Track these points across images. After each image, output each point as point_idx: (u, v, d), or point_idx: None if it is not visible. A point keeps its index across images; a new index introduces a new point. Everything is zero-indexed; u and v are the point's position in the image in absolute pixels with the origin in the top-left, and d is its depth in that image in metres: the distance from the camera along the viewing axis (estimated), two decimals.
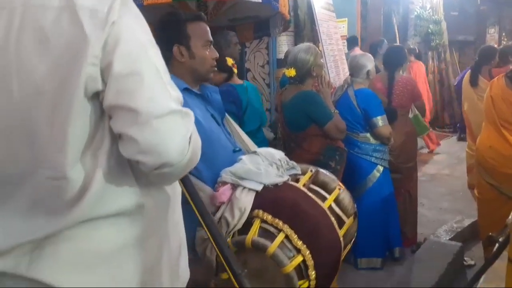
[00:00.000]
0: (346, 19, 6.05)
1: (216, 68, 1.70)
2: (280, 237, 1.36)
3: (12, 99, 0.83)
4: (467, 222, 3.73)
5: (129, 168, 0.92)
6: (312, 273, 1.38)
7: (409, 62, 4.99)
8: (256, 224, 1.40)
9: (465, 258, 3.21)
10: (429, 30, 8.73)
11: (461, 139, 7.27)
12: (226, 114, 1.80)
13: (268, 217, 1.41)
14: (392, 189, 3.20)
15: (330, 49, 4.85)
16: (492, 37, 9.22)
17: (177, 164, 0.89)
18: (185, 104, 1.55)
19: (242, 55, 5.19)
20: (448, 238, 3.42)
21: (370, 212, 3.04)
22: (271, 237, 1.37)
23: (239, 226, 1.42)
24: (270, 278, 1.39)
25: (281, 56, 5.19)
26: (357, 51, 5.44)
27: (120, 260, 0.92)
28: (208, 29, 1.64)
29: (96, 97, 0.86)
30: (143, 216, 0.94)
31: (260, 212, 1.42)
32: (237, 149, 1.66)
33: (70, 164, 0.84)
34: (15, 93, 0.83)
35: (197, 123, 1.48)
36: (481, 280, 1.42)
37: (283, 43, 5.34)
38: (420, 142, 5.81)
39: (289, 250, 1.37)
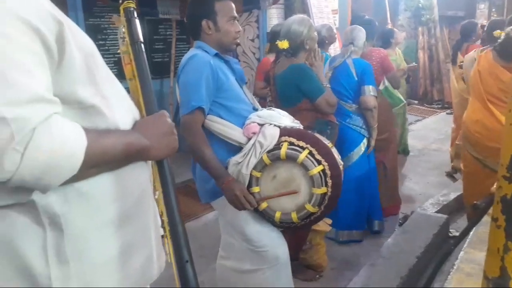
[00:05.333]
0: None
1: (238, 41, 1.99)
2: (306, 152, 1.80)
3: None
4: (452, 196, 3.82)
5: None
6: (330, 181, 1.82)
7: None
8: (285, 145, 1.81)
9: (450, 230, 3.31)
10: (420, 5, 8.69)
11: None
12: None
13: (294, 140, 1.83)
14: (374, 163, 3.27)
15: (321, 23, 4.81)
16: (482, 12, 9.20)
17: (4, 181, 0.76)
18: (216, 67, 1.81)
19: None
20: (434, 211, 3.50)
21: (353, 186, 3.10)
22: (298, 152, 1.80)
23: (271, 146, 1.81)
24: (296, 186, 1.84)
25: None
26: None
27: None
28: (233, 6, 1.93)
29: None
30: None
31: (287, 137, 1.84)
32: (256, 108, 2.00)
33: None
34: None
35: (226, 81, 1.84)
36: (465, 244, 1.47)
37: (273, 16, 5.28)
38: None
39: (312, 162, 1.80)
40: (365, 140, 3.12)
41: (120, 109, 0.99)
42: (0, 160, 0.74)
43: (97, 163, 0.88)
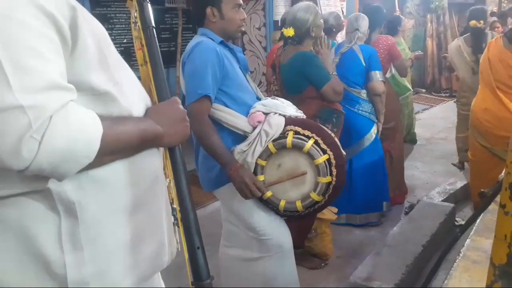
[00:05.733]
0: None
1: (243, 29, 1.98)
2: (311, 141, 1.82)
3: None
4: (459, 185, 3.80)
5: None
6: (334, 170, 1.83)
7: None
8: (291, 134, 1.83)
9: (457, 219, 3.30)
10: None
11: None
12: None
13: (299, 129, 1.84)
14: (381, 147, 3.29)
15: (328, 10, 4.76)
16: None
17: (22, 169, 0.76)
18: (222, 54, 1.79)
19: None
20: (440, 200, 3.49)
21: (367, 170, 3.13)
22: (304, 141, 1.82)
23: (276, 135, 1.82)
24: (301, 176, 1.86)
25: (278, 18, 5.10)
26: None
27: None
28: None
29: None
30: None
31: (292, 126, 1.85)
32: (259, 97, 1.99)
33: None
34: None
35: (231, 69, 1.81)
36: (472, 232, 1.47)
37: (280, 4, 5.23)
38: None
39: (317, 151, 1.82)
40: (374, 126, 3.14)
41: (132, 95, 0.99)
42: (18, 148, 0.74)
43: (112, 150, 0.88)
